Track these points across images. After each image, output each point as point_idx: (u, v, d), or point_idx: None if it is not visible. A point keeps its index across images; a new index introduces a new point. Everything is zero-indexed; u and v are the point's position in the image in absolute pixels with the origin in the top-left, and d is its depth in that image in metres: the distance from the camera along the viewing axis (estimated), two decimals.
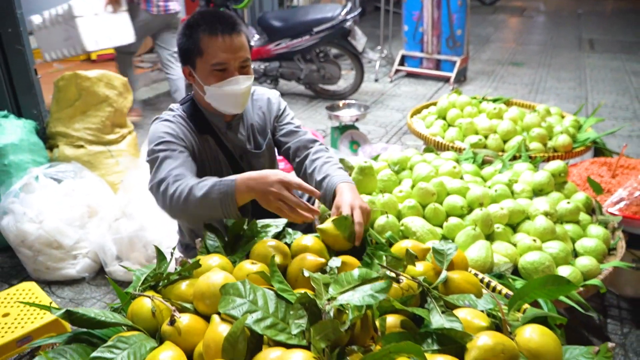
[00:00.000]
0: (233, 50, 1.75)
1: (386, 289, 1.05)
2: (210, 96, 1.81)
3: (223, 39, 1.73)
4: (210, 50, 1.74)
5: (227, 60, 1.76)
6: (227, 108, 1.84)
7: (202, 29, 1.74)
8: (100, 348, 1.08)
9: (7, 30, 3.22)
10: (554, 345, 1.13)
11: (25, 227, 2.63)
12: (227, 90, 1.78)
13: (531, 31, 10.03)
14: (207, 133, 1.89)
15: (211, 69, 1.76)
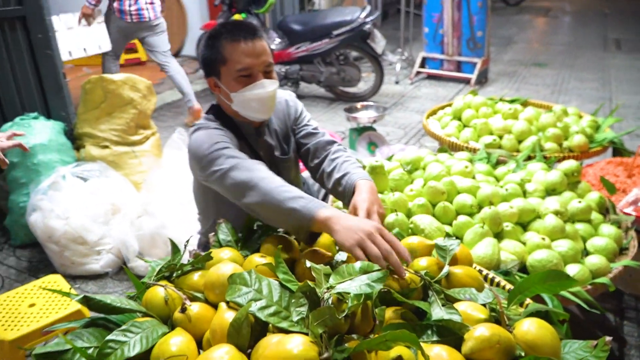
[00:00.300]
0: (256, 54, 1.75)
1: (382, 278, 1.10)
2: (237, 103, 1.79)
3: (245, 44, 1.74)
4: (233, 56, 1.74)
5: (251, 65, 1.75)
6: (254, 114, 1.82)
7: (224, 37, 1.75)
8: (115, 332, 1.15)
9: (37, 35, 3.36)
10: (550, 338, 1.16)
11: (52, 224, 2.75)
12: (254, 95, 1.77)
13: (556, 31, 9.93)
14: (242, 139, 1.87)
15: (236, 75, 1.75)
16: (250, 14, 5.63)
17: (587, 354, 1.16)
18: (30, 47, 3.36)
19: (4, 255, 3.06)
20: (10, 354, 1.94)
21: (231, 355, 1.03)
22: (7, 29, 3.25)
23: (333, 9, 5.93)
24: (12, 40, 3.29)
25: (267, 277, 1.23)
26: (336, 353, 1.00)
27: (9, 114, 3.37)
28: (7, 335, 1.93)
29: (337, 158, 1.91)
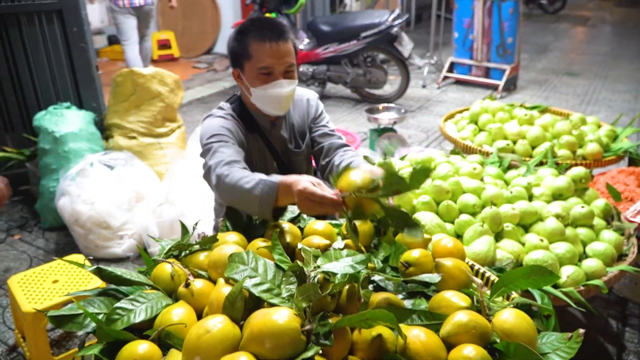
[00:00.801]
0: (279, 56, 1.85)
1: (365, 261, 1.19)
2: (256, 97, 1.92)
3: (270, 45, 1.84)
4: (258, 55, 1.85)
5: (273, 65, 1.85)
6: (270, 109, 1.94)
7: (251, 35, 1.86)
8: (123, 300, 1.26)
9: (73, 29, 3.53)
10: (526, 327, 1.22)
11: (79, 208, 2.90)
12: (271, 93, 1.88)
13: (592, 41, 9.78)
14: (255, 132, 2.00)
15: (258, 73, 1.87)
16: (281, 14, 5.75)
17: (562, 344, 1.22)
18: (65, 40, 3.54)
19: (33, 236, 3.24)
20: (33, 326, 2.07)
21: (224, 324, 1.11)
22: (45, 21, 3.43)
23: (362, 12, 6.01)
24: (49, 33, 3.47)
25: (267, 259, 1.32)
26: (319, 327, 1.09)
27: (44, 102, 3.56)
28: (30, 308, 2.07)
29: (346, 154, 2.02)
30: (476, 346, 1.13)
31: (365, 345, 1.15)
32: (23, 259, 2.99)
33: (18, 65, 3.47)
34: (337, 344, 1.10)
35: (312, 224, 1.64)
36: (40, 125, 3.26)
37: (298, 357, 1.03)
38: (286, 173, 1.84)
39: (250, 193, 1.62)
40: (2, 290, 2.73)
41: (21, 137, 3.62)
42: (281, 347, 1.03)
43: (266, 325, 1.05)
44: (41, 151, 3.25)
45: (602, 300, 2.63)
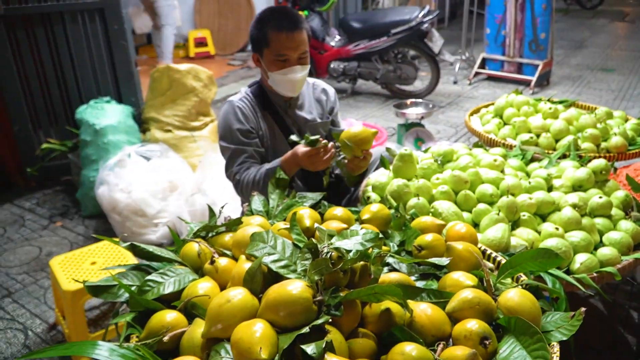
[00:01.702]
0: (294, 45, 2.13)
1: (374, 239, 1.27)
2: (272, 81, 2.21)
3: (286, 35, 2.10)
4: (275, 43, 2.12)
5: (289, 53, 2.13)
6: (284, 91, 2.24)
7: (270, 24, 2.12)
8: (153, 274, 1.38)
9: (114, 27, 3.71)
10: (530, 306, 1.28)
11: (116, 196, 3.06)
12: (286, 78, 2.17)
13: (630, 37, 9.56)
14: (267, 110, 2.28)
15: (274, 59, 2.15)
16: (313, 12, 5.85)
17: (565, 323, 1.28)
18: (106, 37, 3.72)
19: (74, 223, 3.42)
20: (72, 304, 2.22)
21: (244, 295, 1.21)
22: (87, 20, 3.61)
23: (392, 8, 6.06)
24: (91, 31, 3.65)
25: (286, 239, 1.42)
26: (330, 299, 1.17)
27: (85, 97, 3.75)
28: (70, 287, 2.22)
29: None
30: (479, 320, 1.20)
31: (374, 319, 1.23)
32: (64, 244, 3.17)
33: (62, 61, 3.66)
34: (347, 315, 1.18)
35: (331, 209, 1.73)
36: (82, 118, 3.44)
37: (309, 324, 1.12)
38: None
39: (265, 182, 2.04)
40: (45, 272, 2.91)
41: (64, 130, 3.82)
42: (294, 315, 1.13)
43: (281, 294, 1.15)
44: (82, 143, 3.44)
45: (625, 293, 2.64)
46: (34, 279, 2.86)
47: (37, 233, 3.30)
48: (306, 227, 1.60)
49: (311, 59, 5.88)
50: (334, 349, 1.08)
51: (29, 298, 2.70)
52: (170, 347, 1.24)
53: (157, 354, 1.21)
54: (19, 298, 2.70)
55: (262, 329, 1.10)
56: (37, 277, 2.87)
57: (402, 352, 1.10)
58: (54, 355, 1.17)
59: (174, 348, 1.24)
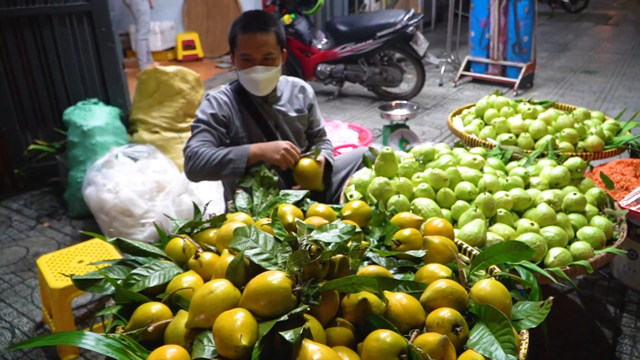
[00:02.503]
0: (256, 45, 2.24)
1: (351, 231, 1.32)
2: (241, 79, 2.37)
3: (250, 35, 2.23)
4: (240, 43, 2.25)
5: (251, 53, 2.25)
6: (250, 90, 2.36)
7: (239, 26, 2.25)
8: (139, 268, 1.42)
9: (102, 29, 3.74)
10: (501, 295, 1.34)
11: (104, 196, 3.09)
12: (249, 77, 2.29)
13: (613, 40, 9.73)
14: (245, 104, 2.41)
15: (240, 58, 2.28)
16: (300, 15, 5.91)
17: (534, 311, 1.34)
18: (94, 40, 3.75)
19: (61, 224, 3.44)
20: (59, 301, 2.26)
21: (226, 287, 1.26)
22: (75, 22, 3.64)
23: (378, 12, 6.14)
24: (79, 33, 3.68)
25: (268, 233, 1.47)
26: (309, 289, 1.22)
27: (73, 98, 3.78)
28: (57, 284, 2.25)
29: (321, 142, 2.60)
30: (451, 309, 1.26)
31: (352, 309, 1.28)
32: (51, 245, 3.19)
33: (50, 63, 3.68)
34: (325, 305, 1.23)
35: (314, 206, 1.78)
36: (70, 120, 3.47)
37: (288, 313, 1.17)
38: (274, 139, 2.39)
39: (225, 158, 2.18)
40: (32, 272, 2.93)
41: (52, 131, 3.84)
42: (274, 304, 1.17)
43: (261, 285, 1.20)
44: (70, 144, 3.46)
45: (602, 288, 2.71)
46: (21, 278, 2.88)
47: (24, 234, 3.32)
48: (288, 223, 1.65)
49: (298, 62, 5.99)
50: (312, 336, 1.13)
51: (16, 297, 2.73)
52: (154, 338, 1.28)
53: (142, 344, 1.25)
54: (6, 297, 2.73)
55: (243, 317, 1.15)
56: (24, 276, 2.90)
57: (377, 339, 1.15)
58: (41, 345, 1.21)
59: (159, 338, 1.28)
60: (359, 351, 1.19)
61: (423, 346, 1.14)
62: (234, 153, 2.20)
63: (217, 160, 2.19)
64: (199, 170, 2.22)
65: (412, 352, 1.13)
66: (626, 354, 2.28)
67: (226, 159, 2.19)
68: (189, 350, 1.19)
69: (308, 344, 1.09)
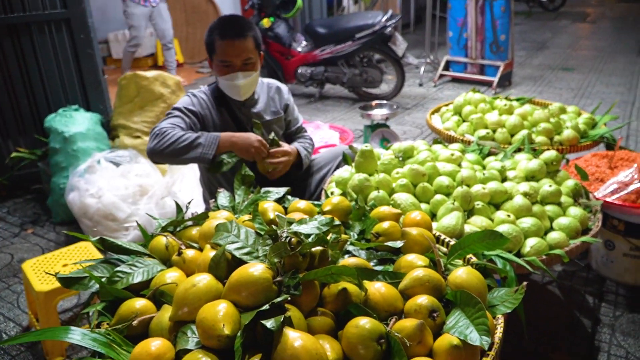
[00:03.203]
0: (236, 52, 2.26)
1: (330, 223, 1.36)
2: (220, 85, 2.39)
3: (228, 42, 2.25)
4: (219, 49, 2.27)
5: (231, 59, 2.27)
6: (231, 95, 2.38)
7: (216, 32, 2.26)
8: (122, 265, 1.45)
9: (80, 36, 3.74)
10: (476, 282, 1.39)
11: (87, 201, 3.09)
12: (230, 83, 2.32)
13: (590, 37, 9.90)
14: (223, 106, 2.41)
15: (220, 64, 2.29)
16: (279, 18, 5.95)
17: (509, 297, 1.38)
18: (73, 47, 3.75)
19: (45, 230, 3.44)
20: (44, 304, 2.26)
21: (208, 280, 1.29)
22: (54, 30, 3.64)
23: (356, 13, 6.19)
24: (58, 40, 3.68)
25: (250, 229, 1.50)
26: (289, 280, 1.26)
27: (54, 105, 3.77)
28: (42, 288, 2.26)
29: (300, 139, 2.64)
30: (428, 296, 1.30)
31: (332, 299, 1.32)
32: (36, 251, 3.19)
33: (29, 71, 3.68)
34: (306, 295, 1.27)
35: (295, 202, 1.81)
36: (51, 126, 3.47)
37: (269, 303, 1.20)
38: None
39: (195, 141, 2.16)
40: (17, 278, 2.93)
41: (33, 139, 3.83)
42: (255, 295, 1.21)
43: (242, 276, 1.23)
44: (52, 150, 3.46)
45: (581, 279, 2.78)
46: (6, 284, 2.87)
47: (8, 240, 3.31)
48: (270, 219, 1.68)
49: (278, 65, 6.03)
50: (293, 324, 1.17)
51: (1, 303, 2.72)
52: (139, 332, 1.30)
53: (127, 339, 1.28)
54: None
55: (225, 308, 1.18)
56: (9, 282, 2.89)
57: (356, 325, 1.18)
58: (28, 341, 1.23)
59: (143, 333, 1.30)
60: (340, 339, 1.23)
61: (401, 331, 1.18)
62: (204, 138, 2.19)
63: (186, 143, 2.15)
64: (164, 149, 2.15)
65: (390, 337, 1.17)
66: (605, 343, 2.34)
67: (195, 143, 2.16)
68: (173, 343, 1.22)
69: (289, 331, 1.12)
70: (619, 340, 2.34)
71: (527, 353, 2.28)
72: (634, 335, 2.37)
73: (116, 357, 1.21)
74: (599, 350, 2.29)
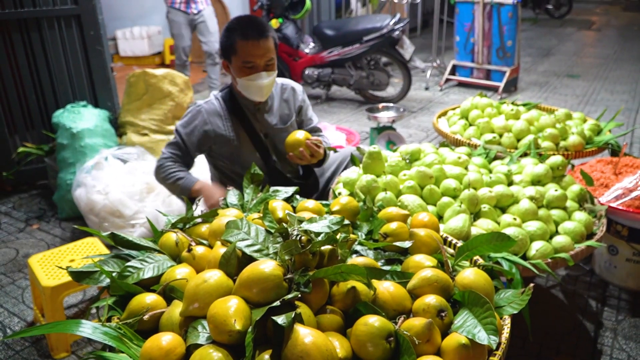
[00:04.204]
0: (260, 52, 2.24)
1: (340, 222, 1.37)
2: (241, 86, 2.31)
3: (252, 43, 2.21)
4: (241, 50, 2.23)
5: (254, 60, 2.24)
6: (252, 96, 2.34)
7: (237, 33, 2.22)
8: (133, 260, 1.46)
9: (90, 33, 3.76)
10: (484, 282, 1.40)
11: (94, 198, 3.11)
12: (253, 83, 2.27)
13: (596, 45, 9.90)
14: (236, 114, 2.38)
15: (242, 66, 2.25)
16: (288, 19, 5.97)
17: (516, 298, 1.39)
18: (83, 43, 3.77)
19: (50, 226, 3.45)
20: (51, 299, 2.28)
21: (219, 277, 1.30)
22: (64, 25, 3.66)
23: (364, 16, 6.21)
24: (67, 36, 3.70)
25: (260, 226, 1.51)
26: (300, 277, 1.27)
27: (62, 101, 3.79)
28: (49, 283, 2.27)
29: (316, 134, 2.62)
30: (437, 296, 1.31)
31: (341, 297, 1.33)
32: (41, 246, 3.20)
33: (38, 66, 3.70)
34: (316, 293, 1.28)
35: (303, 202, 1.83)
36: (59, 122, 3.49)
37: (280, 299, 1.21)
38: (263, 149, 2.43)
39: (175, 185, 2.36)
40: (22, 273, 2.94)
41: (40, 134, 3.85)
42: (266, 292, 1.22)
43: (254, 272, 1.24)
44: (59, 146, 3.48)
45: (584, 283, 2.78)
46: (11, 279, 2.89)
47: (13, 235, 3.33)
48: (279, 217, 1.69)
49: (286, 66, 6.04)
50: (303, 321, 1.18)
51: (6, 298, 2.74)
52: (149, 327, 1.32)
53: (137, 333, 1.29)
54: None
55: (236, 304, 1.19)
56: (14, 277, 2.91)
57: (365, 323, 1.20)
58: (38, 334, 1.24)
59: (153, 327, 1.32)
60: (348, 336, 1.24)
61: (409, 329, 1.19)
62: (183, 181, 2.35)
63: (170, 182, 2.37)
64: (160, 181, 2.44)
65: (399, 335, 1.18)
66: (607, 346, 2.34)
67: (176, 185, 2.36)
68: (184, 338, 1.23)
69: (299, 328, 1.13)
70: (621, 344, 2.35)
71: (531, 356, 2.28)
72: (636, 340, 2.37)
73: (127, 351, 1.22)
74: (601, 353, 2.30)
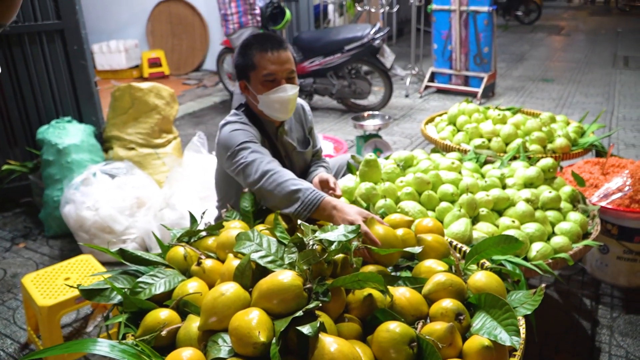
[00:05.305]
0: (280, 63, 2.08)
1: (355, 231, 1.38)
2: (263, 104, 2.13)
3: (272, 54, 2.07)
4: (261, 63, 2.07)
5: (276, 71, 2.08)
6: (277, 114, 2.15)
7: (254, 47, 2.09)
8: (144, 276, 1.45)
9: (73, 47, 3.72)
10: (496, 284, 1.42)
11: (83, 214, 3.06)
12: (277, 97, 2.10)
13: (566, 49, 10.15)
14: (264, 135, 2.22)
15: (263, 80, 2.09)
16: (268, 31, 5.98)
17: (528, 299, 1.42)
18: (66, 58, 3.72)
19: (37, 244, 3.38)
20: (47, 319, 2.23)
21: (235, 289, 1.30)
22: (46, 41, 3.61)
23: (345, 26, 6.26)
24: (51, 51, 3.65)
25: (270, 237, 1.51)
26: (318, 286, 1.27)
27: (46, 117, 3.73)
28: (45, 302, 2.22)
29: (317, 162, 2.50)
30: (453, 299, 1.33)
31: (358, 304, 1.34)
32: (29, 265, 3.13)
33: (21, 82, 3.63)
34: (334, 302, 1.28)
35: None
36: (44, 138, 3.43)
37: (301, 310, 1.21)
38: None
39: (295, 194, 1.78)
40: (11, 293, 2.88)
41: (24, 151, 3.78)
42: (286, 302, 1.22)
43: (273, 284, 1.24)
44: (45, 162, 3.41)
45: (577, 282, 2.84)
46: (1, 300, 2.82)
47: (0, 255, 3.25)
48: (287, 227, 1.70)
49: None
50: (326, 330, 1.18)
51: None
52: (166, 343, 1.30)
53: (154, 350, 1.27)
54: None
55: (258, 316, 1.18)
56: (4, 298, 2.84)
57: (387, 330, 1.20)
58: (55, 354, 1.21)
59: (170, 344, 1.30)
60: (369, 343, 1.24)
61: (431, 334, 1.21)
62: (302, 193, 1.78)
63: (285, 192, 1.80)
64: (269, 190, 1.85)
65: (421, 340, 1.19)
66: (605, 344, 2.39)
67: (294, 197, 1.79)
68: (204, 352, 1.22)
69: (324, 337, 1.13)
70: (618, 340, 2.40)
71: (532, 356, 2.31)
72: (632, 336, 2.42)
73: None
74: (600, 351, 2.34)
